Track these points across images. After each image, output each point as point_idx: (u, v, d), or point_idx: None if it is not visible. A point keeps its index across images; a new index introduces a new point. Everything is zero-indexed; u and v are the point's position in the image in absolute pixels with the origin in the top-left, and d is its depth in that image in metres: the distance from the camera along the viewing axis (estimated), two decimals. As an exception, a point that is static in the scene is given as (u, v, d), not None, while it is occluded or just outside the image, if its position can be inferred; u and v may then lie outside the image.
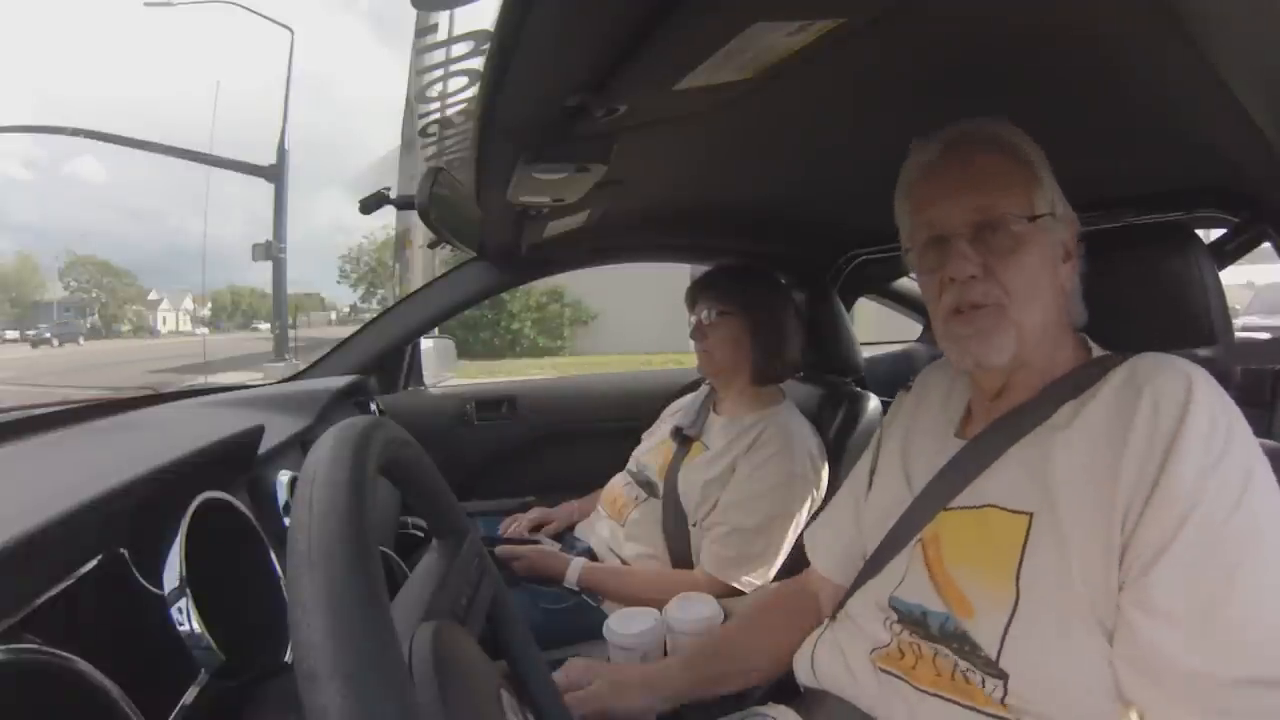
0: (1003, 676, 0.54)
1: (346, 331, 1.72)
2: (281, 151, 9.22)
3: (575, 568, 1.18)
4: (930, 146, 0.65)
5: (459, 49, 0.58)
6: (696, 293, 1.30)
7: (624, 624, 0.88)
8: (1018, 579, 0.55)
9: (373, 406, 1.46)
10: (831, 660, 0.68)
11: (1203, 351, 0.65)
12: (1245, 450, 0.51)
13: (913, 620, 0.62)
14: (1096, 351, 0.64)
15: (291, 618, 0.27)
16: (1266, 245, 0.86)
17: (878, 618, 0.66)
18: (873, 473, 0.78)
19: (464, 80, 0.63)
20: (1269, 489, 0.51)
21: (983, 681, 0.55)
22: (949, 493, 0.64)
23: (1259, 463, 0.51)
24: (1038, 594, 0.54)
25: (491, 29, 0.47)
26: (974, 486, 0.62)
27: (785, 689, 0.76)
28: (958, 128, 0.64)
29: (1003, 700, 0.54)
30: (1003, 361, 0.61)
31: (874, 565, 0.69)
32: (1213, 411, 0.52)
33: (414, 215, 0.97)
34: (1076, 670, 0.52)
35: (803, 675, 0.72)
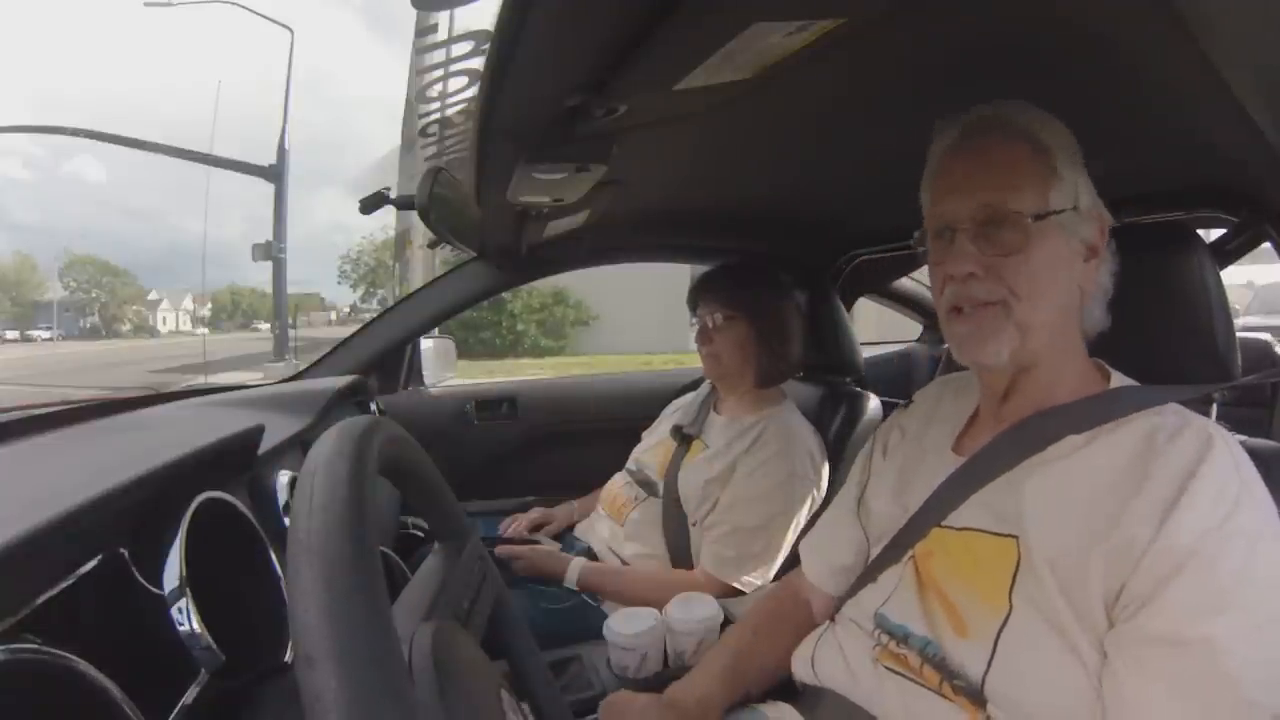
0: (982, 704, 0.54)
1: (346, 331, 1.72)
2: (281, 151, 9.20)
3: (575, 568, 1.18)
4: (950, 131, 0.64)
5: (459, 49, 0.58)
6: (699, 295, 1.29)
7: (624, 624, 0.88)
8: (1010, 596, 0.55)
9: (373, 406, 1.46)
10: (832, 659, 0.68)
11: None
12: (1254, 517, 0.50)
13: (897, 639, 0.62)
14: (1116, 379, 0.62)
15: (290, 604, 0.27)
16: (1266, 245, 0.86)
17: (868, 627, 0.66)
18: (863, 487, 0.78)
19: (464, 80, 0.63)
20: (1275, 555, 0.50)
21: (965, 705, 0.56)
22: (944, 509, 0.63)
23: (1269, 528, 0.51)
24: (1027, 617, 0.54)
25: (491, 29, 0.47)
26: (969, 505, 0.62)
27: (784, 687, 0.76)
28: (979, 112, 0.62)
29: None
30: (1000, 363, 0.61)
31: (867, 576, 0.69)
32: (1224, 476, 0.51)
33: (414, 215, 0.97)
34: (1058, 702, 0.52)
35: (802, 673, 0.72)
